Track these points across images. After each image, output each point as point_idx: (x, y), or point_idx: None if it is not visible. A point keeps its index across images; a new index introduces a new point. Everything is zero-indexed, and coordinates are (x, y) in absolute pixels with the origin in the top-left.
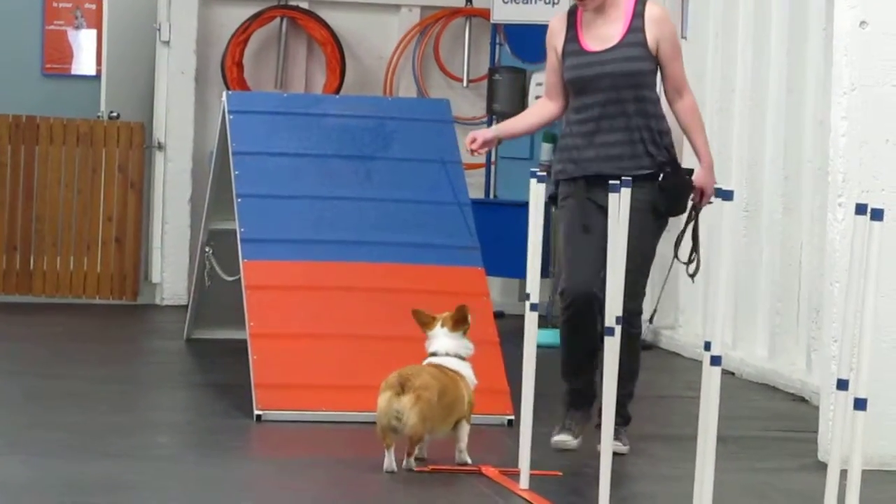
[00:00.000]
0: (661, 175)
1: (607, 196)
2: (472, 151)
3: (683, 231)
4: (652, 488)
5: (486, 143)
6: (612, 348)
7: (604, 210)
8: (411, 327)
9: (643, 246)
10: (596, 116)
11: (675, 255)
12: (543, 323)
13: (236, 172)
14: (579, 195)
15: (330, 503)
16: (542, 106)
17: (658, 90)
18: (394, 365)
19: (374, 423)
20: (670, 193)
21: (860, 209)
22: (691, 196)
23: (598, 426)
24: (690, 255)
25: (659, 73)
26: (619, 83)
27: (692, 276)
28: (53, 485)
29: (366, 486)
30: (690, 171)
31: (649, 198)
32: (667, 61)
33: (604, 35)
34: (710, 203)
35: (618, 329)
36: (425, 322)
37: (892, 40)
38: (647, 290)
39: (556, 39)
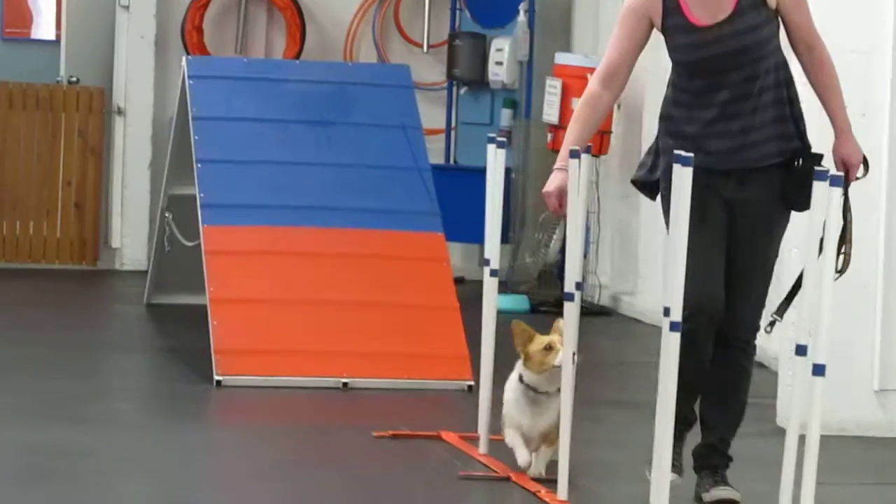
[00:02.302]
0: (799, 160)
1: (731, 183)
2: (557, 210)
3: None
4: (611, 454)
5: (564, 193)
6: (571, 314)
7: (726, 201)
8: (371, 292)
9: (772, 250)
10: (718, 102)
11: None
12: (503, 288)
13: (196, 138)
14: (697, 185)
15: (290, 468)
16: (595, 101)
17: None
18: (353, 329)
19: (333, 388)
20: (806, 183)
21: (819, 176)
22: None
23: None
24: (840, 246)
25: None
26: (743, 61)
27: (839, 272)
28: (13, 450)
29: (327, 451)
30: (820, 157)
31: (779, 189)
32: (789, 12)
33: (712, 2)
34: (858, 178)
35: (577, 295)
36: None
37: (850, 4)
38: (608, 255)
39: (650, 11)
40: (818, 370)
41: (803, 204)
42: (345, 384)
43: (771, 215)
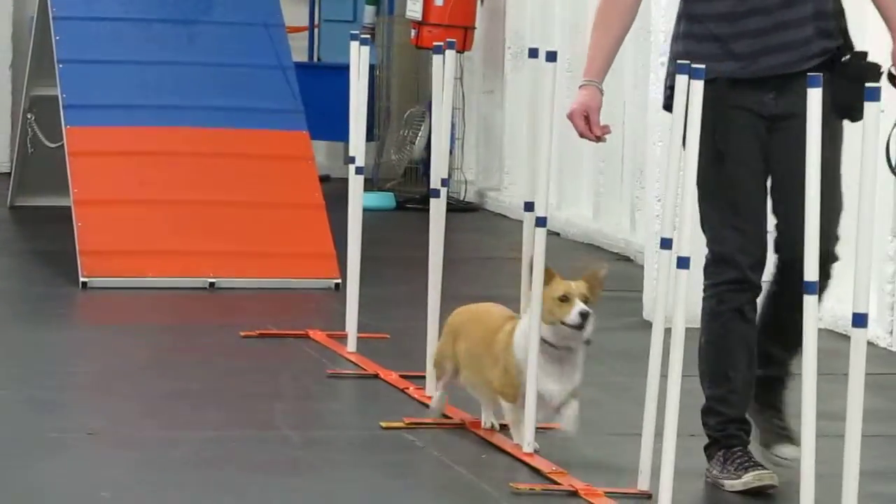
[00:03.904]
0: (847, 57)
1: (767, 95)
2: (599, 138)
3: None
4: None
5: (593, 111)
6: (437, 210)
7: (758, 116)
8: (236, 191)
9: (835, 163)
10: None
11: (889, 164)
12: (369, 186)
13: (57, 38)
14: (720, 103)
15: (157, 369)
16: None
17: None
18: (218, 229)
19: (200, 288)
20: (859, 83)
21: (681, 69)
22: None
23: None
24: None
25: None
26: None
27: None
28: None
29: (194, 351)
30: (865, 54)
31: (827, 96)
32: None
33: None
34: None
35: (443, 191)
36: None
37: None
38: (473, 151)
39: None
40: (683, 263)
41: (860, 110)
42: (211, 284)
43: (828, 125)
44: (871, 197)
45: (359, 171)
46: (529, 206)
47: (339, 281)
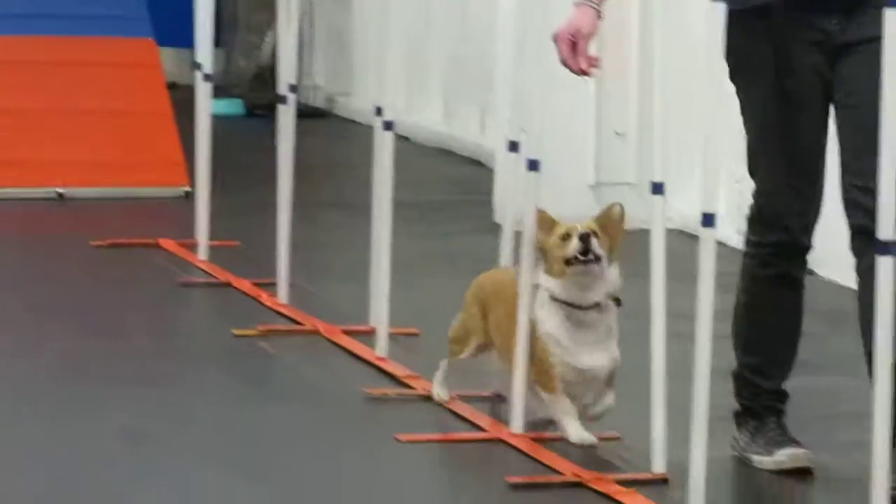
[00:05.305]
0: None
1: (833, 20)
2: (584, 71)
3: None
4: (330, 255)
5: (582, 37)
6: (287, 116)
7: (819, 50)
8: (82, 100)
9: None
10: None
11: None
12: (217, 93)
13: None
14: (777, 34)
15: (7, 280)
16: None
17: None
18: (66, 138)
19: (48, 198)
20: None
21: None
22: None
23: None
24: None
25: None
26: None
27: None
28: None
29: (44, 263)
30: None
31: None
32: None
33: None
34: None
35: (292, 97)
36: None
37: None
38: (322, 56)
39: None
40: (532, 165)
41: None
42: (60, 195)
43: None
44: (718, 88)
45: (206, 77)
46: (378, 111)
47: (189, 189)
